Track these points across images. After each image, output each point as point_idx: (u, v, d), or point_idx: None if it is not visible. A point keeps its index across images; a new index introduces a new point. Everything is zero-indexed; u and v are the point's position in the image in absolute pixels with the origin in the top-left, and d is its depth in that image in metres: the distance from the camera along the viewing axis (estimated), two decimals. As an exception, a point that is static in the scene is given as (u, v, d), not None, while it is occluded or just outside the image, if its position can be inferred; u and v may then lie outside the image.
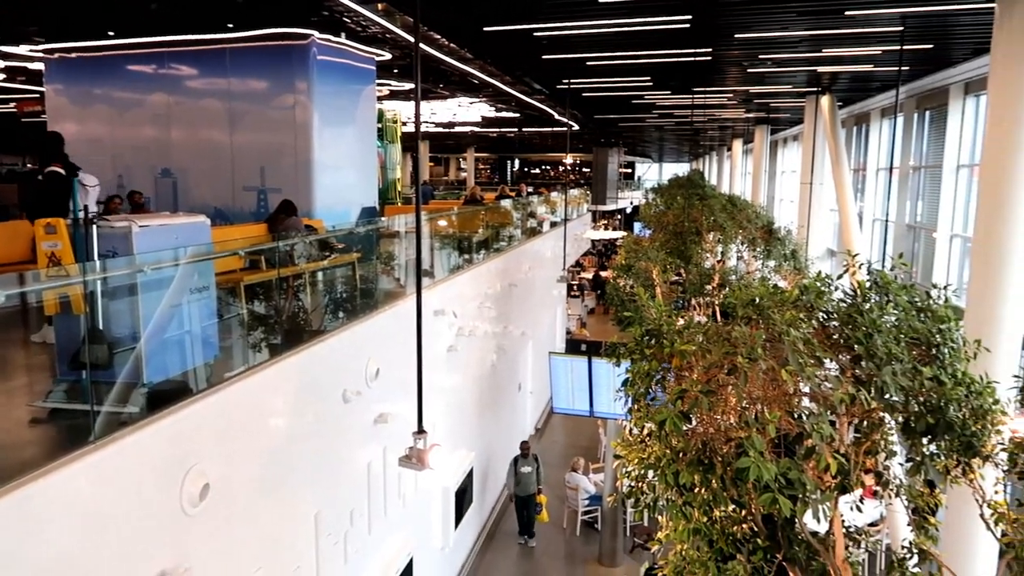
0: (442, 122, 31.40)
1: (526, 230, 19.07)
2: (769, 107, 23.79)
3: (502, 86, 18.77)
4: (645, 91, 19.79)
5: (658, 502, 4.10)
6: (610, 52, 13.70)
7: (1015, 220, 8.05)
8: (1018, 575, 3.27)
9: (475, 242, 14.36)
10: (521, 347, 16.25)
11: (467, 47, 13.56)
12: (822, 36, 12.26)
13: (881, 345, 3.81)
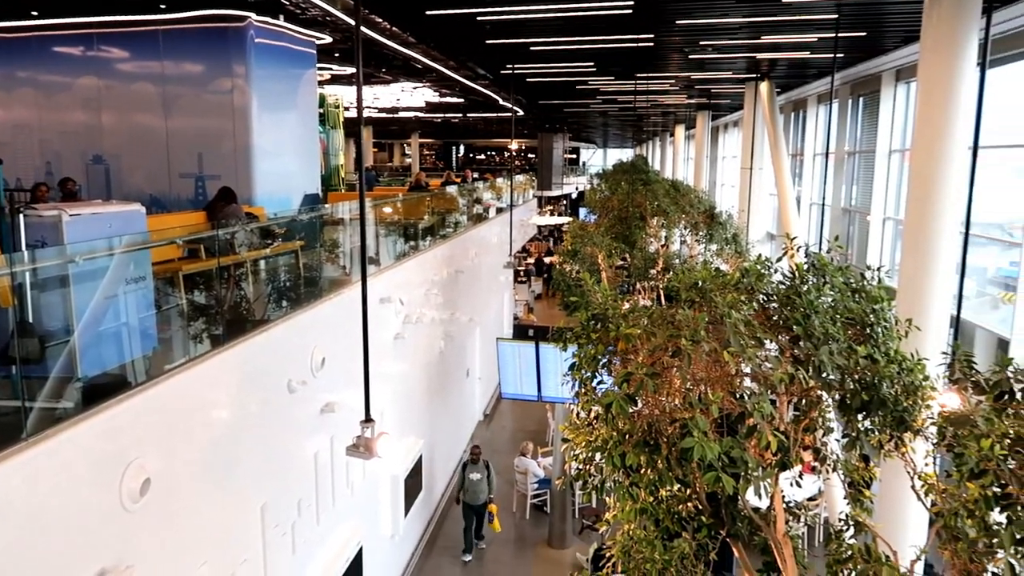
0: (385, 107, 31.02)
1: (472, 216, 19.02)
2: (710, 93, 24.14)
3: (446, 71, 18.62)
4: (589, 77, 19.88)
5: (605, 484, 4.16)
6: (553, 37, 13.70)
7: (943, 203, 8.35)
8: (947, 542, 3.42)
9: (421, 229, 14.27)
10: (469, 333, 16.25)
11: (410, 31, 13.39)
12: (760, 23, 12.48)
13: (818, 326, 3.92)
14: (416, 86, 23.34)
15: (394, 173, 45.85)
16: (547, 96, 26.16)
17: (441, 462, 13.86)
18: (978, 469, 3.16)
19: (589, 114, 35.16)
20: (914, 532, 7.87)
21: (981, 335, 12.01)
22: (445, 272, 13.78)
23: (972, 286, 13.31)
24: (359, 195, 5.80)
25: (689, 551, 4.10)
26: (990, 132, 12.02)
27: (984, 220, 12.80)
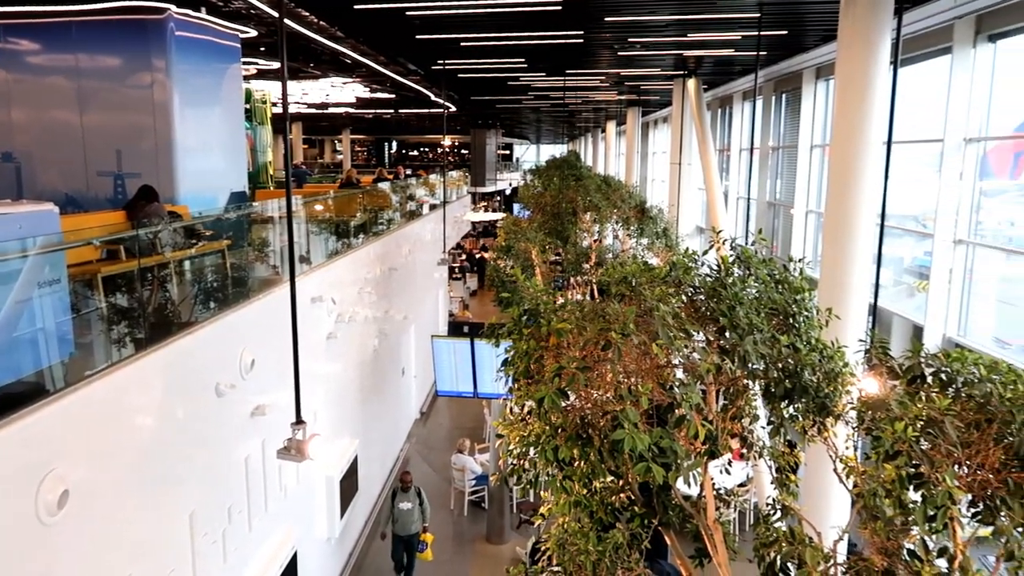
0: (315, 103, 30.44)
1: (405, 213, 18.87)
2: (640, 90, 24.50)
3: (376, 66, 18.38)
4: (520, 73, 19.93)
5: (539, 478, 4.19)
6: (484, 33, 13.68)
7: (861, 196, 8.68)
8: (867, 521, 3.56)
9: (353, 226, 14.07)
10: (403, 331, 16.12)
11: (338, 25, 13.17)
12: (687, 21, 12.73)
13: (743, 316, 4.02)
14: (346, 81, 22.99)
15: (325, 170, 45.07)
16: (479, 92, 26.12)
17: (377, 462, 13.72)
18: (893, 451, 3.29)
19: (522, 110, 35.27)
20: (837, 513, 8.17)
21: (898, 322, 12.55)
22: (378, 270, 13.63)
23: (889, 275, 13.90)
24: (286, 192, 5.68)
25: (623, 541, 4.16)
26: (906, 128, 12.57)
27: (900, 212, 13.37)
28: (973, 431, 3.44)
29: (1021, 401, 3.42)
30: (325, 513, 10.35)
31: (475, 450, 14.23)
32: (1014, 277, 11.18)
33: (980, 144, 10.80)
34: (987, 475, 3.30)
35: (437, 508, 13.80)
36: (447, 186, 25.04)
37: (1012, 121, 10.76)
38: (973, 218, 10.96)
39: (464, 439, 14.13)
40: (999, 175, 11.39)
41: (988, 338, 10.90)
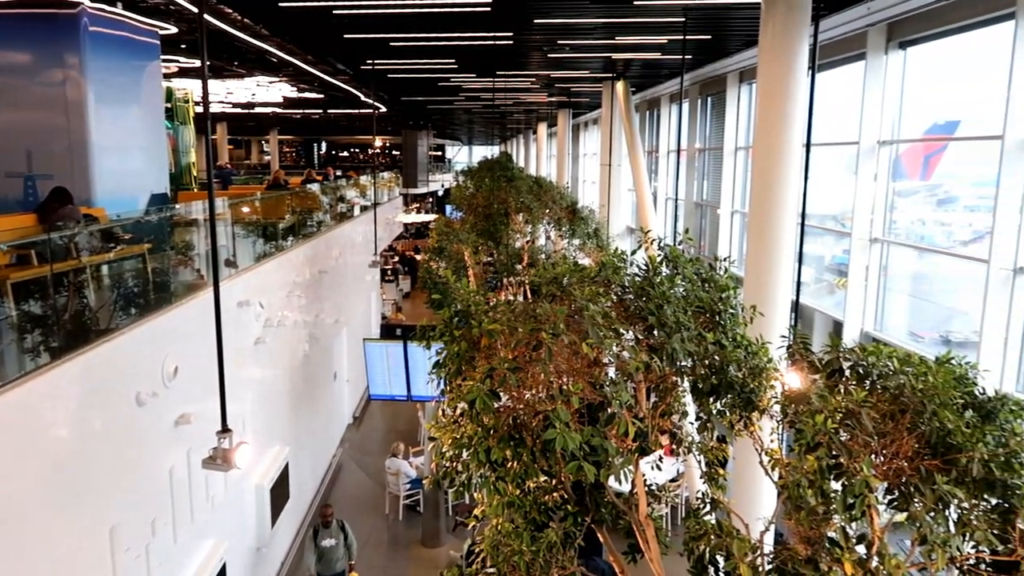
0: (240, 102, 29.67)
1: (336, 215, 18.58)
2: (570, 92, 24.71)
3: (303, 65, 18.03)
4: (450, 73, 19.86)
5: (472, 480, 4.17)
6: (413, 33, 13.58)
7: (783, 197, 8.94)
8: (792, 511, 3.66)
9: (281, 228, 13.78)
10: (335, 335, 15.87)
11: (263, 23, 12.86)
12: (614, 24, 12.90)
13: (671, 315, 4.09)
14: (272, 81, 22.47)
15: (252, 171, 44.03)
16: (410, 92, 25.92)
17: (309, 469, 13.47)
18: (814, 443, 3.40)
19: (453, 111, 35.16)
20: (765, 505, 8.38)
21: (820, 318, 12.99)
22: (308, 273, 13.38)
23: (811, 273, 14.39)
24: (208, 194, 5.51)
25: (556, 540, 4.17)
26: (826, 131, 13.04)
27: (821, 212, 13.85)
28: (888, 422, 3.58)
29: (932, 392, 3.58)
30: (255, 522, 10.10)
31: (409, 454, 14.11)
32: (926, 273, 11.71)
33: (893, 146, 11.28)
34: (901, 463, 3.44)
35: (371, 512, 13.65)
36: (379, 187, 24.77)
37: (923, 124, 11.27)
38: (887, 217, 11.44)
39: (398, 443, 13.99)
40: (911, 176, 11.91)
41: (903, 332, 11.38)
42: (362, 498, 14.34)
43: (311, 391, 13.55)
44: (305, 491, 13.12)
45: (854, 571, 3.18)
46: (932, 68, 10.81)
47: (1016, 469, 3.40)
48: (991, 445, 3.50)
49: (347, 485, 14.96)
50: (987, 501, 3.51)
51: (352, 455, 16.29)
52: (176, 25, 12.45)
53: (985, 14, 8.95)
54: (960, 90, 10.69)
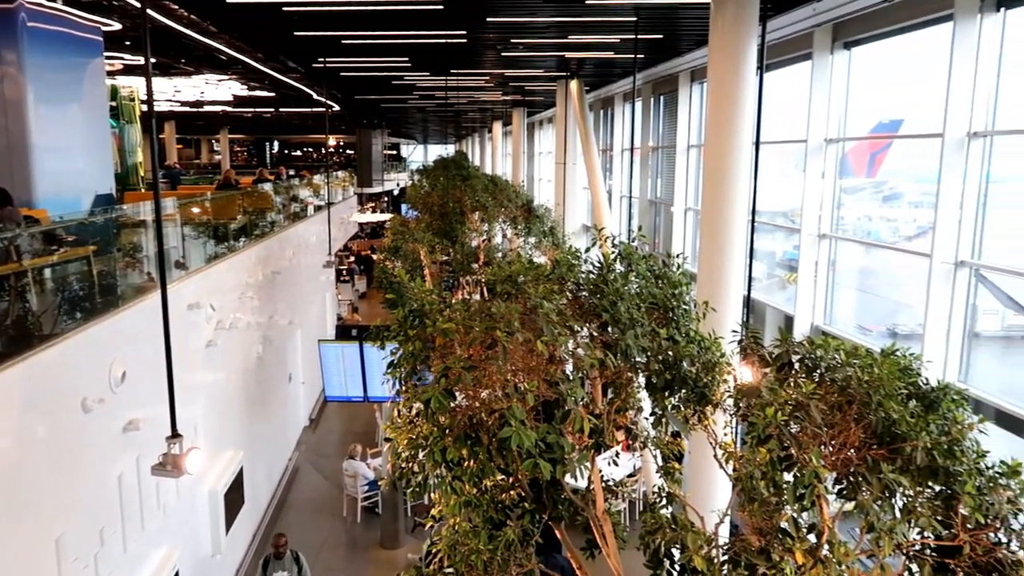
0: (189, 101, 29.06)
1: (289, 215, 18.33)
2: (524, 90, 24.76)
3: (254, 63, 17.73)
4: (404, 72, 19.73)
5: (428, 480, 4.15)
6: (366, 31, 13.45)
7: (734, 194, 9.08)
8: (745, 502, 3.72)
9: (233, 229, 13.54)
10: (289, 337, 15.65)
11: (210, 19, 12.61)
12: (567, 23, 12.95)
13: (624, 311, 4.13)
14: (222, 79, 22.07)
15: (202, 171, 43.14)
16: (363, 91, 25.68)
17: (265, 473, 13.26)
18: (765, 435, 3.46)
19: (408, 110, 34.94)
20: (721, 498, 8.51)
21: (772, 313, 13.24)
22: (261, 274, 13.16)
23: (763, 269, 14.65)
24: (154, 194, 5.38)
25: (514, 538, 4.17)
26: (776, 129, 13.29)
27: (772, 209, 14.12)
28: (836, 413, 3.66)
29: (877, 383, 3.67)
30: (209, 529, 9.91)
31: (367, 455, 13.98)
32: (873, 268, 12.02)
33: (839, 144, 11.54)
34: (849, 453, 3.52)
35: (328, 515, 13.51)
36: (333, 187, 24.50)
37: (868, 123, 11.56)
38: (835, 214, 11.70)
39: (355, 444, 13.86)
40: (857, 173, 12.21)
41: (852, 325, 11.66)
42: (319, 501, 14.17)
43: (265, 394, 13.34)
44: (260, 496, 12.92)
45: (805, 560, 3.24)
46: (876, 68, 11.09)
47: (957, 456, 3.50)
48: (934, 434, 3.60)
49: (304, 488, 14.77)
50: (931, 488, 3.61)
51: (309, 458, 16.09)
52: (120, 21, 12.13)
53: (925, 16, 9.21)
54: (903, 89, 10.99)
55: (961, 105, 8.39)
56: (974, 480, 3.41)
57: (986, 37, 8.20)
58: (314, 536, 12.85)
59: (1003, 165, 8.58)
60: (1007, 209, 9.20)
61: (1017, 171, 9.07)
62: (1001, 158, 8.46)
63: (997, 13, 8.16)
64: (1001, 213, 8.84)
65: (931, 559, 3.50)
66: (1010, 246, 8.69)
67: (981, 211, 8.50)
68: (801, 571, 3.23)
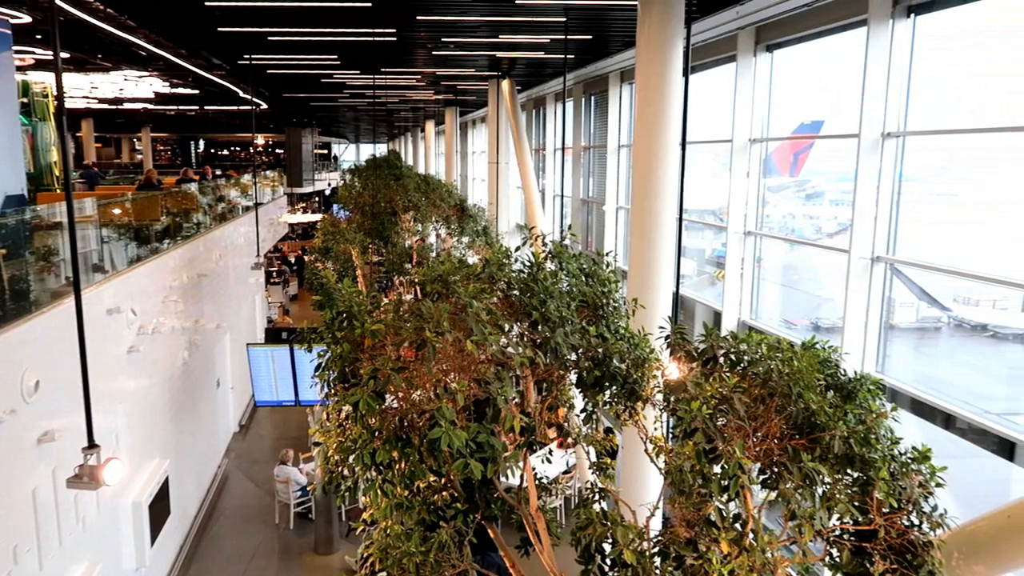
0: (107, 98, 27.95)
1: (216, 216, 17.83)
2: (456, 90, 24.69)
3: (176, 59, 17.17)
4: (333, 70, 19.43)
5: (358, 484, 4.09)
6: (293, 28, 13.18)
7: (663, 193, 9.22)
8: (675, 495, 3.79)
9: (156, 231, 13.10)
10: (217, 341, 15.24)
11: (127, 13, 12.13)
12: (498, 22, 12.96)
13: (554, 310, 4.15)
14: (142, 75, 21.30)
15: (123, 171, 41.60)
16: (292, 89, 25.18)
17: (192, 481, 12.87)
18: (691, 428, 3.53)
19: (338, 108, 34.42)
20: (653, 492, 8.65)
21: (702, 309, 13.53)
22: (186, 276, 12.77)
23: (693, 266, 14.97)
24: (66, 194, 5.15)
25: (447, 538, 4.15)
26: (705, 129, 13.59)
27: (701, 207, 14.44)
28: (759, 405, 3.76)
29: (797, 375, 3.79)
30: (133, 542, 9.56)
31: (299, 460, 13.72)
32: (797, 264, 12.42)
33: (763, 144, 11.87)
34: (771, 444, 3.62)
35: (260, 523, 13.21)
36: (261, 187, 23.95)
37: (791, 123, 11.92)
38: (760, 212, 12.04)
39: (287, 449, 13.58)
40: (781, 173, 12.59)
41: (777, 320, 12.02)
42: (250, 508, 13.84)
43: (192, 400, 12.95)
44: (188, 505, 12.54)
45: (730, 549, 3.32)
46: (799, 70, 11.45)
47: (872, 444, 3.64)
48: (851, 423, 3.74)
49: (234, 496, 14.40)
50: (848, 475, 3.75)
51: (239, 464, 15.70)
52: (29, 13, 11.59)
53: (841, 20, 9.55)
54: (824, 91, 11.38)
55: (875, 107, 8.74)
56: (888, 466, 3.55)
57: (898, 42, 8.55)
58: (246, 544, 12.55)
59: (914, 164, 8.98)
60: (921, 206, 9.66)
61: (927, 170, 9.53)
62: (913, 156, 8.86)
63: (908, 19, 8.52)
64: (915, 210, 9.26)
65: (849, 543, 3.64)
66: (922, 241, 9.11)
67: (895, 208, 8.87)
68: (727, 560, 3.30)
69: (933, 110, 8.70)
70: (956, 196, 10.48)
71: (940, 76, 8.85)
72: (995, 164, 8.94)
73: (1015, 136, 7.90)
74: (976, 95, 8.55)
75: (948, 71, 8.86)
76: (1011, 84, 7.98)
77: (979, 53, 8.40)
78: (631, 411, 4.80)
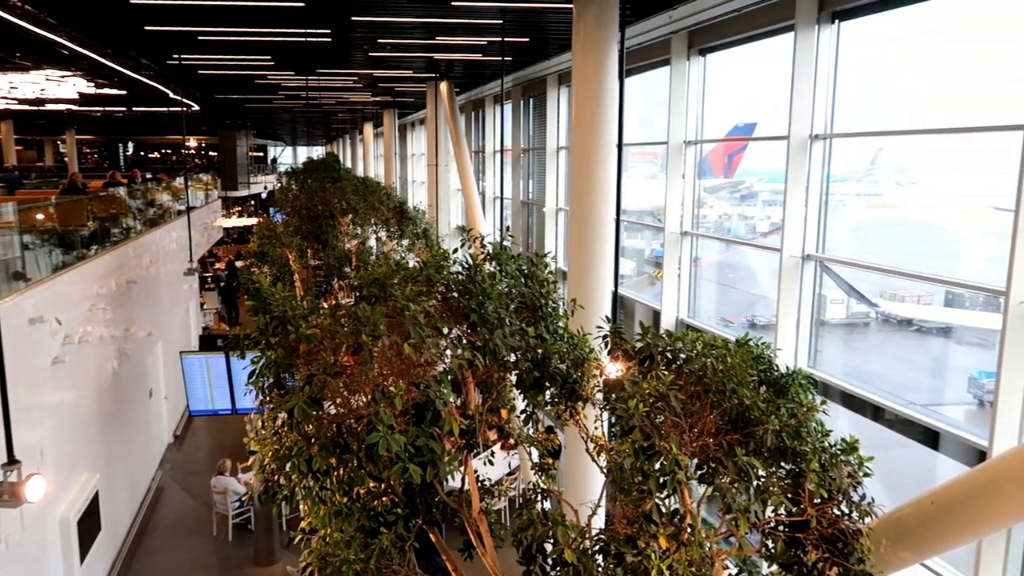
0: (28, 98, 26.81)
1: (146, 220, 17.29)
2: (394, 91, 24.46)
3: (101, 59, 16.56)
4: (267, 71, 19.04)
5: (295, 492, 4.01)
6: (224, 27, 12.86)
7: (601, 194, 9.31)
8: (617, 493, 3.82)
9: (82, 236, 12.64)
10: (149, 349, 14.77)
11: (48, 11, 11.66)
12: (434, 24, 12.89)
13: (492, 311, 4.14)
14: (64, 75, 20.49)
15: (46, 174, 39.97)
16: (225, 90, 24.59)
17: (125, 495, 12.44)
18: (628, 427, 3.56)
19: (274, 110, 33.75)
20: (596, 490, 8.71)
21: (641, 309, 13.72)
22: (115, 283, 12.35)
23: (633, 266, 15.17)
24: (-19, 199, 4.91)
25: (389, 544, 4.10)
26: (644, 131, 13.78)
27: (640, 208, 14.64)
28: (695, 402, 3.83)
29: (731, 372, 3.87)
30: (61, 561, 9.20)
31: (238, 470, 13.39)
32: (733, 263, 12.70)
33: (698, 146, 12.10)
34: (707, 440, 3.69)
35: (197, 535, 12.86)
36: (194, 190, 23.34)
37: (725, 126, 12.19)
38: (696, 212, 12.27)
39: (224, 459, 13.23)
40: (717, 174, 12.86)
41: (714, 318, 12.26)
42: (187, 521, 13.46)
43: (123, 411, 12.52)
44: (120, 521, 12.12)
45: (668, 544, 3.36)
46: (733, 73, 11.71)
47: (804, 437, 3.74)
48: (784, 417, 3.84)
49: (169, 509, 13.98)
50: (782, 467, 3.85)
51: (174, 476, 15.24)
52: (-60, 11, 11.03)
53: (770, 25, 9.80)
54: (757, 94, 11.67)
55: (803, 109, 9.00)
56: (818, 458, 3.66)
57: (823, 47, 8.83)
58: (182, 558, 12.19)
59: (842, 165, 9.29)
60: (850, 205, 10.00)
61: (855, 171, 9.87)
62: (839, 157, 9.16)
63: (832, 24, 8.80)
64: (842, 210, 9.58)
65: (783, 534, 3.73)
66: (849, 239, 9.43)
67: (824, 208, 9.14)
68: (665, 556, 3.35)
69: (859, 113, 9.02)
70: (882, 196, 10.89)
71: (865, 80, 9.18)
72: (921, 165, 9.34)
73: (936, 138, 8.25)
74: (898, 99, 8.90)
75: (872, 75, 9.20)
76: (931, 88, 8.34)
77: (901, 58, 8.75)
78: (572, 411, 4.83)
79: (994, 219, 7.16)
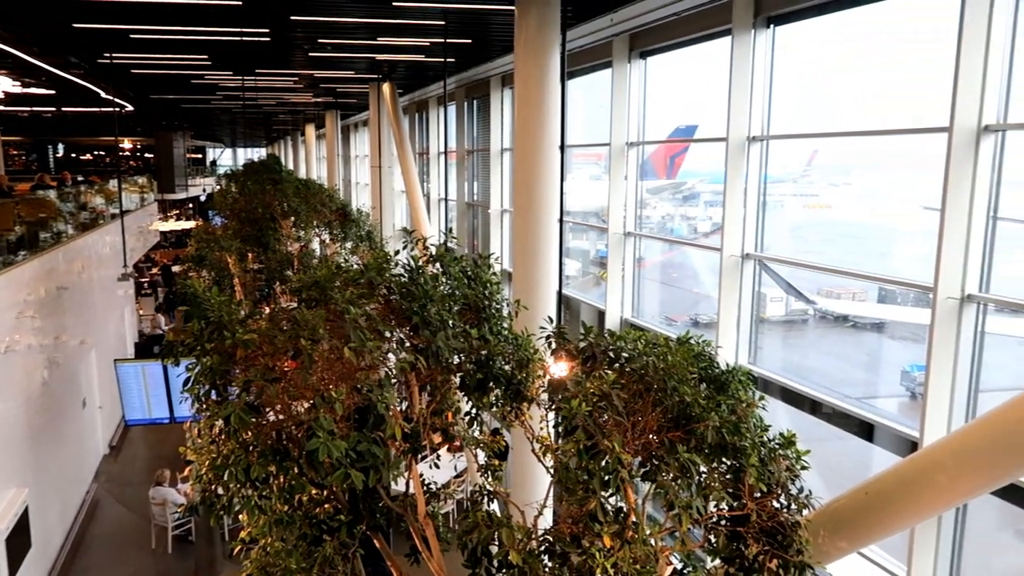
0: (-51, 98, 25.65)
1: (78, 224, 16.70)
2: (336, 92, 24.15)
3: (26, 57, 15.93)
4: (204, 71, 18.58)
5: (233, 501, 3.90)
6: (157, 25, 12.49)
7: (544, 196, 9.34)
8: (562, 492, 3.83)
9: (8, 241, 12.14)
10: (82, 358, 14.27)
11: (-31, 8, 11.17)
12: (376, 24, 12.76)
13: (435, 314, 4.11)
14: (-12, 74, 19.66)
15: (-30, 178, 38.27)
16: (160, 90, 23.92)
17: (56, 510, 11.97)
18: (571, 426, 3.57)
19: (212, 111, 32.97)
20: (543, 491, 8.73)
21: (587, 309, 13.80)
22: (43, 290, 11.89)
23: (578, 267, 15.26)
24: None
25: (332, 552, 4.03)
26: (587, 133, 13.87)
27: (584, 209, 14.74)
28: (637, 400, 3.86)
29: (672, 370, 3.91)
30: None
31: (177, 480, 13.01)
32: (676, 263, 12.89)
33: (640, 148, 12.24)
34: (649, 438, 3.72)
35: (135, 548, 12.46)
36: (129, 193, 22.65)
37: (667, 128, 12.34)
38: (639, 213, 12.40)
39: (163, 470, 12.84)
40: (659, 175, 13.03)
41: (658, 317, 12.42)
42: (124, 534, 13.02)
43: (54, 423, 12.06)
44: (52, 536, 11.66)
45: (613, 543, 3.38)
46: (673, 76, 11.87)
47: (744, 433, 3.81)
48: (724, 413, 3.90)
49: (105, 522, 13.50)
50: (723, 463, 3.91)
51: (110, 489, 14.74)
52: None
53: (708, 29, 9.97)
54: (698, 96, 11.85)
55: (741, 112, 9.18)
56: (758, 453, 3.72)
57: (760, 51, 9.02)
58: (119, 573, 11.79)
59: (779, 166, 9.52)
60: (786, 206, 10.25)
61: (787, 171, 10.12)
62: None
63: (768, 29, 9.00)
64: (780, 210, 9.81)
65: (725, 529, 3.79)
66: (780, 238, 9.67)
67: (762, 208, 9.34)
68: (609, 554, 3.36)
69: (796, 115, 9.25)
70: (818, 196, 11.21)
71: (801, 83, 9.41)
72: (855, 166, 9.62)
73: (869, 140, 8.51)
74: (833, 102, 9.17)
75: (807, 79, 9.45)
76: (864, 90, 8.60)
77: (835, 62, 9.01)
78: (517, 411, 4.83)
79: (923, 218, 7.42)
